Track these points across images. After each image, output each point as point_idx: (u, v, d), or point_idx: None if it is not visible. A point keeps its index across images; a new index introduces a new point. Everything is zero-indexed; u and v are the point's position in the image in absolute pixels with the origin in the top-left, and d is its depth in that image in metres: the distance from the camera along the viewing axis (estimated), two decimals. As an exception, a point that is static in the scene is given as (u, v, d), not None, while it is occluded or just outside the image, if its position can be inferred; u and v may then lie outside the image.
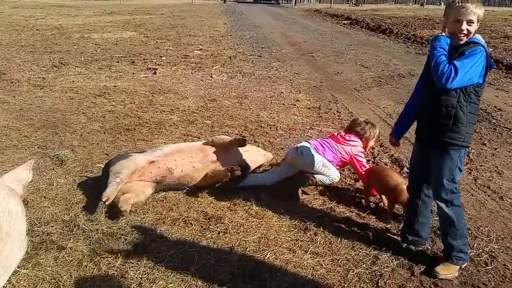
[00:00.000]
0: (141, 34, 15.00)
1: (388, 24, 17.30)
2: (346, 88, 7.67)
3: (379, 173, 3.64)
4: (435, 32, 14.68)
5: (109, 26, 17.04)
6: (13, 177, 2.91)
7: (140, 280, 2.65)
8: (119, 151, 4.67)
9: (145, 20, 20.13)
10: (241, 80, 8.24)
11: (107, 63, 9.63)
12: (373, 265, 2.85)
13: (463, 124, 2.56)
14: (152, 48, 12.08)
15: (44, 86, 7.39)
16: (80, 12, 23.53)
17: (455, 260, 2.74)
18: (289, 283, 2.66)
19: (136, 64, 9.72)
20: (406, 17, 20.50)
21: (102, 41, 12.99)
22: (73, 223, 3.21)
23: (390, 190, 3.36)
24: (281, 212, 3.46)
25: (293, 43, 13.31)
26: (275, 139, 5.17)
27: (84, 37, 13.58)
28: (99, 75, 8.42)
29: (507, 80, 8.33)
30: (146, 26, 17.47)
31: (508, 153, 4.71)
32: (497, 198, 3.74)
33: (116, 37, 14.02)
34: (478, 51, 2.46)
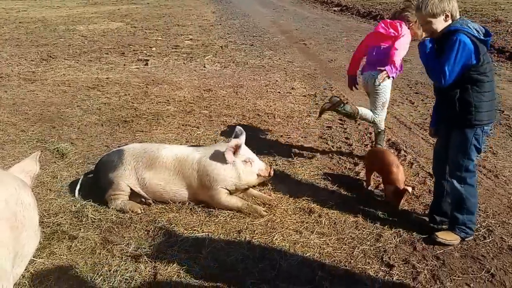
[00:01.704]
0: (128, 24, 14.88)
1: (379, 10, 17.29)
2: (340, 75, 7.72)
3: (377, 154, 3.75)
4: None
5: (95, 17, 16.87)
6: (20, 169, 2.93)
7: (154, 263, 2.73)
8: (119, 142, 4.70)
9: (131, 10, 19.93)
10: (235, 70, 8.27)
11: (97, 55, 9.59)
12: (377, 242, 2.96)
13: (470, 105, 2.69)
14: (140, 39, 12.02)
15: (35, 80, 7.36)
16: (63, 3, 23.19)
17: (457, 231, 2.88)
18: (298, 262, 2.76)
19: (126, 55, 9.69)
20: (397, 3, 20.42)
21: (88, 33, 12.88)
22: (81, 214, 3.27)
23: (384, 169, 3.47)
24: (285, 197, 3.55)
25: (284, 31, 13.32)
26: (274, 127, 5.24)
27: (69, 29, 13.45)
28: (89, 68, 8.39)
29: (499, 64, 8.46)
30: (133, 16, 17.31)
31: (501, 134, 4.84)
32: (492, 176, 3.87)
33: (102, 28, 13.90)
34: (454, 40, 2.63)
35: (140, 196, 3.41)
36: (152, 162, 3.36)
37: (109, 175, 3.34)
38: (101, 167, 3.44)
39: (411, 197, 3.49)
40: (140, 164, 3.36)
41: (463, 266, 2.71)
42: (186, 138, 4.84)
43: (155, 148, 3.45)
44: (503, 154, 4.30)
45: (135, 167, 3.35)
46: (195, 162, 3.37)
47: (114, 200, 3.35)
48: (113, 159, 3.40)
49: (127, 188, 3.36)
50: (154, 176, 3.35)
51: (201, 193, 3.40)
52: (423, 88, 6.74)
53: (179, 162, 3.37)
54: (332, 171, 4.04)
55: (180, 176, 3.38)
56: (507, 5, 16.64)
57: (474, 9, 15.24)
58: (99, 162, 3.55)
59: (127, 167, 3.35)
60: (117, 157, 3.40)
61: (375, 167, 3.70)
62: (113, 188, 3.33)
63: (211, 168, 3.33)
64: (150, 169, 3.36)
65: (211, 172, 3.32)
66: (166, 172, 3.37)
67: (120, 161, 3.36)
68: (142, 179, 3.35)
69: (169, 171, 3.37)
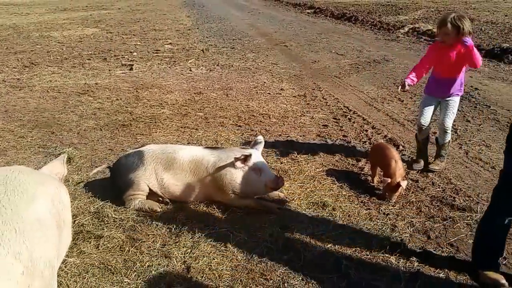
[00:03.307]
0: (104, 30, 14.77)
1: (352, 11, 17.74)
2: (326, 75, 7.95)
3: (378, 149, 3.94)
4: (399, 18, 15.25)
5: (67, 23, 16.66)
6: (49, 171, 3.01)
7: (183, 258, 2.83)
8: (122, 145, 4.76)
9: (103, 15, 19.75)
10: (221, 73, 8.38)
11: (79, 61, 9.52)
12: (392, 232, 3.13)
13: None
14: (119, 44, 11.97)
15: (22, 87, 7.28)
16: (31, 10, 22.76)
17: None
18: (320, 252, 2.90)
19: (108, 61, 9.65)
20: (369, 4, 21.05)
21: (64, 39, 12.74)
22: (101, 214, 3.32)
23: (384, 163, 3.67)
24: (296, 193, 3.69)
25: (263, 33, 13.49)
26: (271, 126, 5.38)
27: (44, 36, 13.26)
28: (75, 74, 8.34)
29: (476, 62, 8.87)
30: (106, 21, 17.18)
31: (491, 128, 5.13)
32: (489, 168, 4.11)
33: (78, 34, 13.76)
34: None
35: (158, 195, 3.49)
36: (170, 163, 3.45)
37: (129, 176, 3.40)
38: (121, 168, 3.50)
39: (417, 190, 3.69)
40: (159, 165, 3.44)
41: (477, 251, 2.90)
42: (188, 140, 4.93)
43: (172, 150, 3.53)
44: (496, 147, 4.57)
45: (155, 168, 3.43)
46: (210, 165, 3.46)
47: (133, 199, 3.42)
48: (133, 160, 3.46)
49: (147, 188, 3.43)
50: (172, 177, 3.44)
51: (215, 194, 3.51)
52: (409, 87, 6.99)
53: (195, 164, 3.47)
54: (336, 167, 4.21)
55: (196, 178, 3.47)
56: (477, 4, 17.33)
57: (446, 8, 15.83)
58: (117, 163, 3.60)
59: (147, 168, 3.42)
60: (137, 158, 3.46)
61: (377, 161, 3.89)
62: (133, 188, 3.40)
63: (224, 173, 3.43)
64: (168, 170, 3.44)
65: (224, 177, 3.43)
66: (182, 173, 3.45)
67: (141, 162, 3.43)
68: (161, 179, 3.43)
69: (186, 173, 3.46)
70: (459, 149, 4.56)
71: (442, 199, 3.53)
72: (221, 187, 3.42)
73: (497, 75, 7.73)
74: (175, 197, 3.51)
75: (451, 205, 3.44)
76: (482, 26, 12.57)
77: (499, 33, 11.73)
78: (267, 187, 3.43)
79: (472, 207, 3.38)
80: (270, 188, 3.44)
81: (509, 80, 7.44)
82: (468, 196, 3.57)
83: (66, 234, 2.67)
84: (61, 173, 3.14)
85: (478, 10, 16.23)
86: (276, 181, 3.38)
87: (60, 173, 3.13)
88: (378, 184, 3.82)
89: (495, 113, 5.63)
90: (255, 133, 5.10)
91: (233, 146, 4.53)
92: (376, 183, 3.85)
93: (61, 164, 3.15)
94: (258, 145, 3.58)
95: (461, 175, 3.97)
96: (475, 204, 3.44)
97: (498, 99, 6.26)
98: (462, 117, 5.52)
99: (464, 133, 5.00)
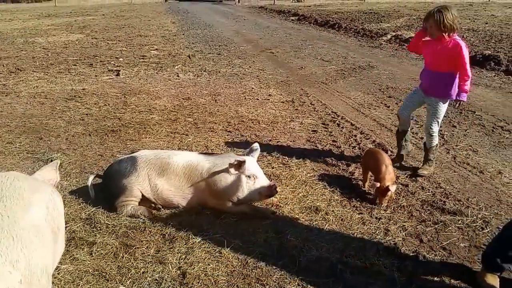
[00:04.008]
0: (89, 36, 14.67)
1: (336, 19, 17.94)
2: (313, 81, 8.01)
3: (370, 154, 3.99)
4: (382, 26, 15.45)
5: (52, 29, 16.50)
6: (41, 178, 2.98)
7: (178, 264, 2.81)
8: (111, 151, 4.72)
9: (88, 21, 19.62)
10: (209, 78, 8.37)
11: (65, 67, 9.43)
12: (386, 236, 3.16)
13: None
14: (104, 50, 11.89)
15: (8, 93, 7.17)
16: (14, 16, 22.52)
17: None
18: (316, 257, 2.91)
19: (95, 66, 9.57)
20: (351, 12, 21.30)
21: (49, 45, 12.61)
22: (93, 220, 3.29)
23: (374, 168, 3.72)
24: (289, 198, 3.70)
25: (249, 40, 13.55)
26: (260, 132, 5.39)
27: (29, 42, 13.11)
28: (61, 79, 8.25)
29: (459, 68, 9.05)
30: (91, 27, 17.07)
31: (477, 133, 5.23)
32: (477, 172, 4.18)
33: (63, 40, 13.64)
34: None
35: (150, 201, 3.47)
36: (164, 169, 3.43)
37: (122, 181, 3.38)
38: (113, 174, 3.47)
39: (408, 194, 3.74)
40: (153, 171, 3.42)
41: (469, 255, 2.95)
42: (178, 145, 4.91)
43: (166, 155, 3.52)
44: (483, 152, 4.65)
45: (148, 173, 3.41)
46: (204, 171, 3.45)
47: (125, 206, 3.39)
48: (126, 166, 3.44)
49: (140, 194, 3.41)
50: (165, 182, 3.42)
51: (209, 200, 3.50)
52: (395, 92, 7.13)
53: (190, 169, 3.46)
54: (327, 172, 4.23)
55: (190, 183, 3.46)
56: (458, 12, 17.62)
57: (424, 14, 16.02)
58: (109, 169, 3.57)
59: (140, 173, 3.40)
60: (130, 163, 3.44)
61: (368, 166, 3.93)
62: (126, 194, 3.37)
63: (218, 179, 3.43)
64: (162, 176, 3.43)
65: (218, 183, 3.42)
66: (176, 178, 3.44)
67: (134, 167, 3.41)
68: (154, 185, 3.41)
69: (180, 178, 3.44)
70: (447, 154, 4.63)
71: (433, 203, 3.59)
72: (215, 193, 3.42)
73: (481, 82, 7.88)
74: (168, 203, 3.49)
75: (441, 209, 3.49)
76: (464, 34, 12.80)
77: (481, 40, 11.97)
78: (262, 195, 3.43)
79: (462, 211, 3.44)
80: (264, 195, 3.44)
81: (492, 86, 7.60)
82: (458, 200, 3.63)
83: (60, 240, 2.65)
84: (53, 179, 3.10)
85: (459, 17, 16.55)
86: (270, 189, 3.38)
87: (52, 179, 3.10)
88: (369, 188, 3.85)
89: (480, 119, 5.74)
90: (245, 139, 5.12)
91: (227, 152, 4.53)
92: (367, 188, 3.88)
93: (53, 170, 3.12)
94: (254, 152, 3.59)
95: (450, 180, 4.03)
96: (465, 208, 3.50)
97: (482, 105, 6.39)
98: (448, 122, 5.61)
99: (451, 138, 5.08)
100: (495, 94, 7.10)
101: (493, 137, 5.10)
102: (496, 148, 4.78)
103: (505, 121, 5.68)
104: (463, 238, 3.12)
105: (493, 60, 9.19)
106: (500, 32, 12.99)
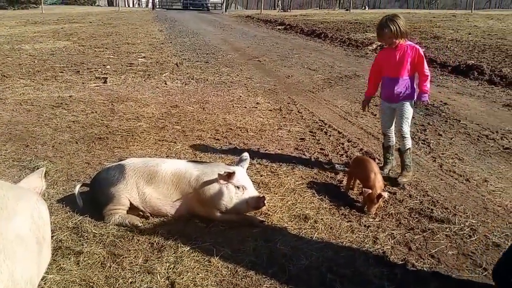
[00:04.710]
0: (76, 43, 14.59)
1: (322, 28, 18.13)
2: (300, 90, 8.06)
3: (358, 161, 4.02)
4: (367, 36, 15.64)
5: (38, 36, 16.37)
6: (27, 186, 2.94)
7: (167, 274, 2.78)
8: (99, 159, 4.68)
9: (75, 29, 19.52)
10: (197, 86, 8.37)
11: (52, 74, 9.34)
12: (374, 244, 3.17)
13: None
14: (91, 57, 11.82)
15: (-6, 100, 7.08)
16: (0, 22, 22.29)
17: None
18: (305, 266, 2.91)
19: (82, 73, 9.50)
20: (337, 22, 21.55)
21: (36, 52, 12.50)
22: (80, 229, 3.24)
23: (363, 175, 3.75)
24: (278, 206, 3.70)
25: (236, 48, 13.59)
26: (249, 140, 5.39)
27: (15, 49, 12.98)
28: (48, 86, 8.17)
29: (444, 77, 9.20)
30: (78, 35, 16.99)
31: (463, 142, 5.30)
32: (464, 180, 4.23)
33: (49, 47, 13.53)
34: None
35: (139, 210, 3.44)
36: (152, 177, 3.41)
37: (110, 190, 3.34)
38: (101, 182, 3.43)
39: (396, 202, 3.77)
40: (141, 179, 3.39)
41: (458, 263, 2.97)
42: (166, 153, 4.89)
43: (155, 163, 3.49)
44: (469, 160, 4.72)
45: (136, 181, 3.38)
46: (193, 179, 3.43)
47: (113, 214, 3.35)
48: (113, 174, 3.40)
49: (127, 202, 3.38)
50: (154, 191, 3.40)
51: (197, 209, 3.47)
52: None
53: (178, 177, 3.44)
54: (316, 180, 4.25)
55: (178, 191, 3.44)
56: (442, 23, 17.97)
57: (412, 27, 16.30)
58: (97, 177, 3.54)
59: (128, 181, 3.37)
60: (118, 171, 3.41)
61: (356, 174, 3.95)
62: (113, 202, 3.34)
63: (207, 188, 3.41)
64: (150, 184, 3.40)
65: (207, 192, 3.40)
66: (165, 186, 3.42)
67: (122, 175, 3.38)
68: (142, 193, 3.38)
69: (168, 186, 3.42)
70: (433, 162, 4.68)
71: (421, 211, 3.61)
72: (204, 201, 3.40)
73: (465, 91, 8.01)
74: (157, 211, 3.47)
75: (429, 217, 3.52)
76: (448, 44, 13.02)
77: (464, 50, 12.19)
78: (250, 206, 3.41)
79: (450, 219, 3.47)
80: (252, 207, 3.42)
81: (476, 95, 7.72)
82: (445, 208, 3.66)
83: (46, 250, 2.60)
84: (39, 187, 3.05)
85: (443, 28, 16.83)
86: (258, 201, 3.36)
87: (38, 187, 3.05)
88: (358, 196, 3.87)
89: (466, 127, 5.82)
90: (233, 147, 5.11)
91: (217, 161, 4.51)
92: (356, 196, 3.90)
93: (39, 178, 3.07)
94: (243, 162, 3.58)
95: (437, 188, 4.07)
96: (452, 216, 3.53)
97: (467, 113, 6.48)
98: (434, 131, 5.68)
99: (437, 146, 5.14)
100: (479, 103, 7.21)
101: (478, 146, 5.18)
102: (481, 157, 4.85)
103: (489, 129, 5.77)
104: (451, 246, 3.14)
105: (477, 69, 9.36)
106: (483, 42, 13.24)
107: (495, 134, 5.59)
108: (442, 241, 3.20)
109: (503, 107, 7.03)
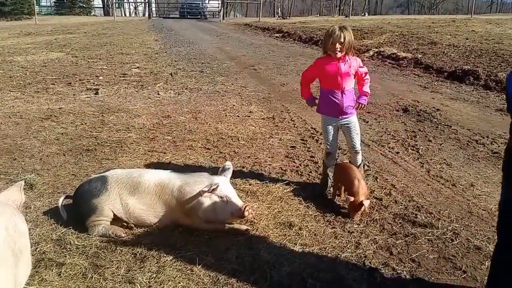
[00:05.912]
0: (69, 54, 14.59)
1: (320, 36, 18.12)
2: (294, 98, 8.07)
3: (341, 168, 4.01)
4: (365, 42, 15.68)
5: (31, 47, 16.38)
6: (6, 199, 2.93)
7: (148, 283, 2.77)
8: (86, 171, 4.67)
9: (69, 39, 19.53)
10: (190, 96, 8.38)
11: (43, 86, 9.34)
12: (356, 249, 3.18)
13: None
14: (84, 68, 11.83)
15: (-17, 113, 7.09)
16: (-7, 34, 22.37)
17: None
18: (287, 272, 2.90)
19: (73, 85, 9.49)
20: (333, 29, 21.59)
21: (28, 63, 12.50)
22: (64, 241, 3.23)
23: (347, 182, 3.75)
24: (264, 213, 3.70)
25: (232, 57, 13.63)
26: (239, 149, 5.39)
27: (7, 60, 12.98)
28: (38, 99, 8.16)
29: (439, 83, 9.24)
30: (72, 45, 16.99)
31: (452, 147, 5.31)
32: (450, 185, 4.24)
33: (42, 58, 13.53)
34: None
35: (122, 220, 3.43)
36: (135, 187, 3.41)
37: (92, 201, 3.34)
38: (83, 194, 3.43)
39: (381, 208, 3.77)
40: (124, 189, 3.39)
41: (437, 266, 2.98)
42: (156, 164, 4.88)
43: (138, 174, 3.50)
44: (457, 165, 4.72)
45: (119, 193, 3.38)
46: (175, 189, 3.44)
47: (96, 225, 3.34)
48: (96, 185, 3.40)
49: (111, 213, 3.37)
50: (137, 201, 3.39)
51: (181, 219, 3.47)
52: (374, 108, 7.22)
53: (161, 187, 3.44)
54: (304, 188, 4.24)
55: (161, 202, 3.43)
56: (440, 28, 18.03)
57: (410, 32, 16.36)
58: (80, 189, 3.53)
59: (111, 193, 3.36)
60: (100, 183, 3.41)
61: (340, 180, 3.95)
62: (96, 214, 3.33)
63: (190, 198, 3.40)
64: (134, 194, 3.40)
65: (189, 202, 3.40)
66: (148, 197, 3.42)
67: (104, 187, 3.38)
68: (125, 204, 3.38)
69: (151, 196, 3.42)
70: (421, 167, 4.69)
71: (404, 216, 3.62)
72: (187, 212, 3.40)
73: (459, 96, 8.03)
74: (140, 221, 3.46)
75: (412, 222, 3.52)
76: (445, 49, 13.06)
77: (461, 55, 12.21)
78: (233, 216, 3.41)
79: (433, 223, 3.47)
80: (236, 216, 3.41)
81: (470, 100, 7.75)
82: (430, 213, 3.66)
83: (25, 262, 2.58)
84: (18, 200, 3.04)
85: (440, 33, 16.87)
86: (241, 211, 3.35)
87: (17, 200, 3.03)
88: (344, 203, 3.87)
89: (456, 133, 5.83)
90: (224, 155, 5.11)
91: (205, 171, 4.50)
92: (342, 203, 3.90)
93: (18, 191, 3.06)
94: (226, 171, 3.58)
95: (422, 193, 4.07)
96: (436, 220, 3.54)
97: (459, 119, 6.50)
98: (424, 137, 5.68)
99: (426, 152, 5.14)
100: (472, 108, 7.23)
101: (467, 151, 5.19)
102: (470, 161, 4.86)
103: (480, 134, 5.78)
104: (432, 250, 3.15)
105: (472, 75, 9.38)
106: (480, 47, 13.27)
107: (485, 139, 5.59)
108: (424, 245, 3.21)
109: (496, 111, 7.05)
